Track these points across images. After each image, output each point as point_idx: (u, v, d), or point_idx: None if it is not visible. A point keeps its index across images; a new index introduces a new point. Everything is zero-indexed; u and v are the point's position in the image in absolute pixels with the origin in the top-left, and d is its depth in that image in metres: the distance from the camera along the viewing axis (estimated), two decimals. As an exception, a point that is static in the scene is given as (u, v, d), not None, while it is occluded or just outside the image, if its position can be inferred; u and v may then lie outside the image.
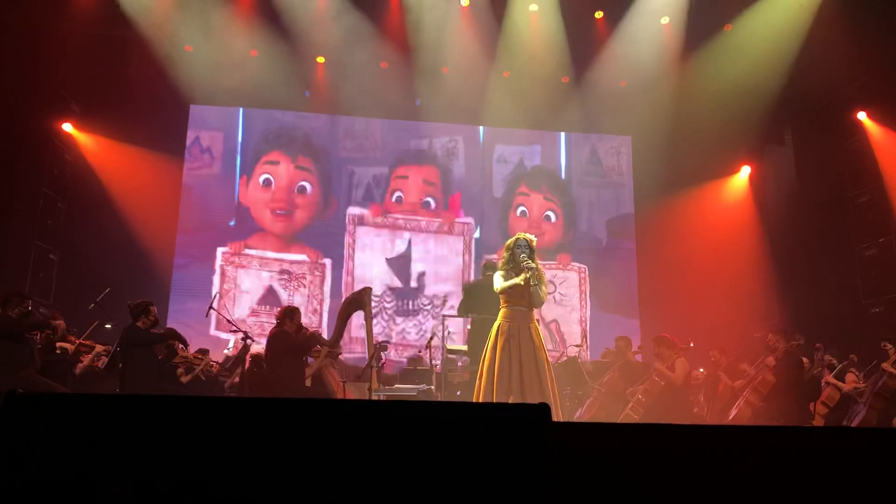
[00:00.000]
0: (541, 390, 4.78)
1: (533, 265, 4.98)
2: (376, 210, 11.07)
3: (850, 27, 8.68)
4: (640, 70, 10.31)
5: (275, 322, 6.96)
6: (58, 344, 6.54)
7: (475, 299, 6.72)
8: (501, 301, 5.11)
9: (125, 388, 6.05)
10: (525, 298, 5.02)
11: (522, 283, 4.95)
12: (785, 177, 10.31)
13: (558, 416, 5.01)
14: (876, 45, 8.66)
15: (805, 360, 7.50)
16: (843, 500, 2.03)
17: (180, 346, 7.20)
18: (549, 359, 5.11)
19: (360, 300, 6.57)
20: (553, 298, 11.07)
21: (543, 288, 5.04)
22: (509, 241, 5.19)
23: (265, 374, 6.82)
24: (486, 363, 4.97)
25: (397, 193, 11.21)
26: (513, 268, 5.08)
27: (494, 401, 4.78)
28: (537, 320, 5.24)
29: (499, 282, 5.09)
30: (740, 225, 10.74)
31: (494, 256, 9.87)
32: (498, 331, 4.99)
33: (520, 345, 4.88)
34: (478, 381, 5.04)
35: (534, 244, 5.14)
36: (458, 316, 7.20)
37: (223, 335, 9.93)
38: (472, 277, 10.67)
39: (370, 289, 6.73)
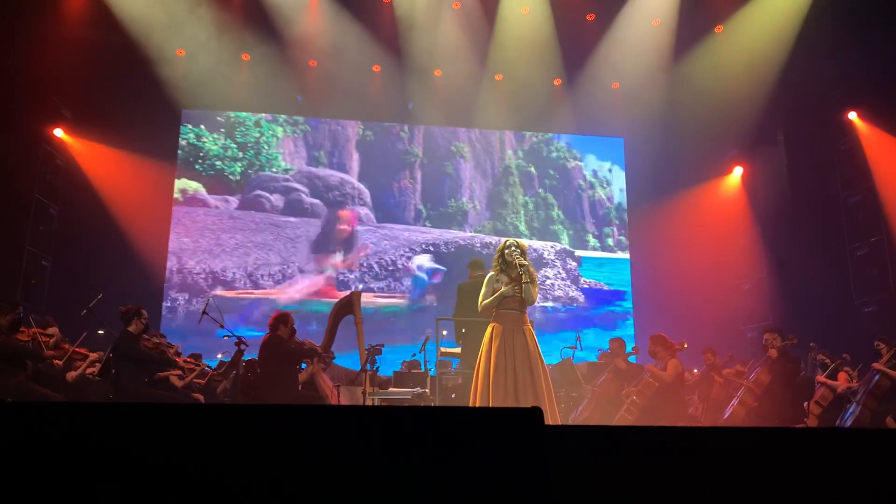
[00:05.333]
0: (535, 394, 4.78)
1: (525, 262, 5.01)
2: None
3: (840, 28, 8.72)
4: (632, 72, 10.34)
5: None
6: (53, 361, 6.45)
7: (471, 299, 6.74)
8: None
9: (118, 394, 6.01)
10: (517, 301, 5.02)
11: (510, 292, 4.99)
12: (777, 177, 10.33)
13: (555, 419, 4.99)
14: (866, 46, 8.70)
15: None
16: (838, 500, 2.03)
17: (174, 354, 7.17)
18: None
19: (349, 305, 6.55)
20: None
21: (534, 288, 5.06)
22: (500, 245, 5.23)
23: (258, 379, 6.80)
24: (481, 367, 4.95)
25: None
26: (505, 269, 5.10)
27: (490, 405, 4.77)
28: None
29: (487, 292, 5.11)
30: (733, 225, 10.76)
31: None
32: (492, 334, 4.99)
33: (514, 348, 4.88)
34: (473, 385, 5.03)
35: (524, 248, 5.17)
36: (454, 318, 7.19)
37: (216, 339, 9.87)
38: None
39: (359, 293, 6.71)
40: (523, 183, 11.55)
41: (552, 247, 11.34)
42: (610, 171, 11.86)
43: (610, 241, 11.61)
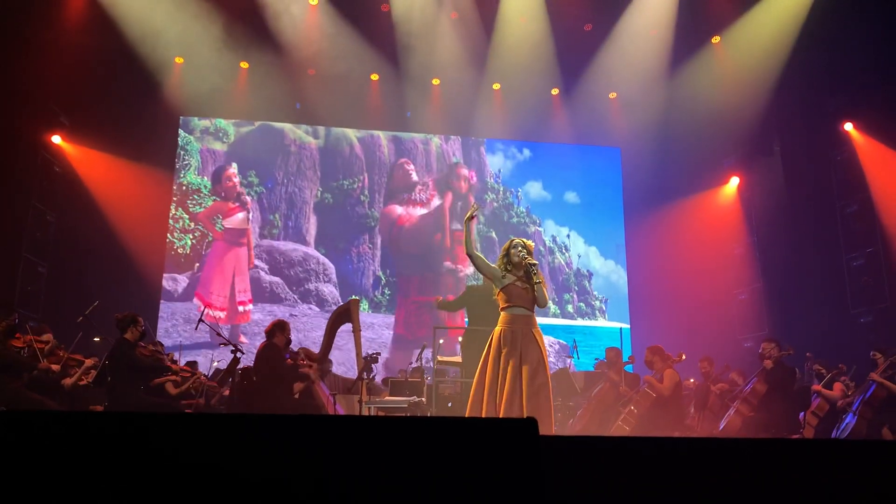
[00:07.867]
0: (536, 403, 4.62)
1: (534, 262, 4.91)
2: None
3: (836, 39, 8.77)
4: (629, 82, 10.39)
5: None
6: (51, 367, 6.42)
7: (480, 305, 6.80)
8: (501, 303, 4.91)
9: (113, 401, 5.99)
10: (527, 300, 4.87)
11: (519, 283, 4.89)
12: (773, 187, 10.37)
13: (550, 429, 4.87)
14: (862, 57, 8.75)
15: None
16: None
17: (170, 362, 7.16)
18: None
19: (347, 313, 6.53)
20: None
21: (545, 291, 4.95)
22: (506, 245, 5.11)
23: (254, 387, 6.78)
24: (489, 371, 4.73)
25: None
26: (511, 270, 5.00)
27: (498, 411, 4.60)
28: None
29: (483, 261, 4.99)
30: (729, 235, 10.79)
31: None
32: (501, 337, 4.78)
33: (520, 354, 4.68)
34: (473, 389, 4.83)
35: (531, 247, 5.08)
36: (451, 308, 7.23)
37: (212, 347, 9.85)
38: None
39: (357, 300, 6.69)
40: (484, 249, 10.98)
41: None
42: (568, 236, 11.56)
43: (570, 308, 11.23)
